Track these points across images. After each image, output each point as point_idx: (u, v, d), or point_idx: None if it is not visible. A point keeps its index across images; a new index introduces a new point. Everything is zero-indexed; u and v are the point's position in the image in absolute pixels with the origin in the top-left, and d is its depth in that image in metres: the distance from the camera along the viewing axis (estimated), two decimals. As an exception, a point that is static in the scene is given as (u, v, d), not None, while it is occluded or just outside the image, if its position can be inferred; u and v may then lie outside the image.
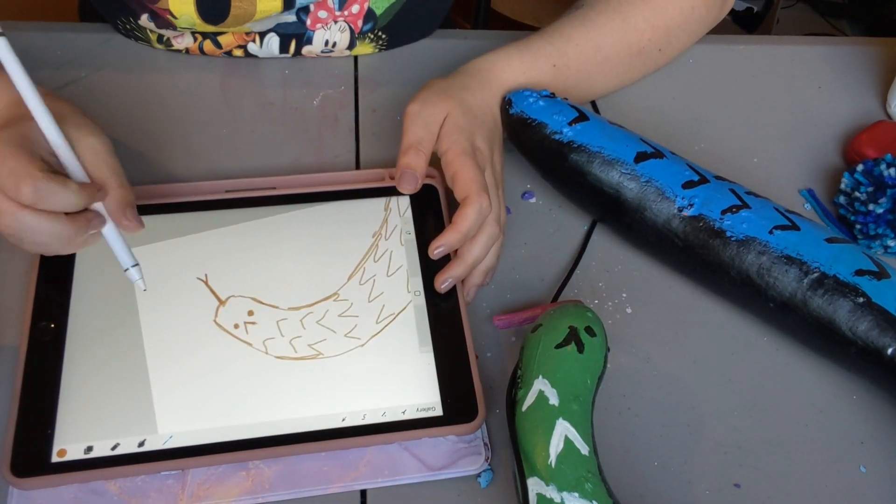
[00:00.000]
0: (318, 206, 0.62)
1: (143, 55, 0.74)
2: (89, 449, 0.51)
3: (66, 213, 0.50)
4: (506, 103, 0.64)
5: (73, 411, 0.52)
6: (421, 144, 0.58)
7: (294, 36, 0.73)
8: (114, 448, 0.51)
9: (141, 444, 0.51)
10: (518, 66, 0.65)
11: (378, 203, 0.59)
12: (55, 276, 0.57)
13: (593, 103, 0.74)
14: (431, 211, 0.63)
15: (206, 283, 0.51)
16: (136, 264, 0.52)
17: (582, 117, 0.62)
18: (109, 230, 0.52)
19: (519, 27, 1.54)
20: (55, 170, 0.50)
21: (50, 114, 0.50)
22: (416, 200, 0.63)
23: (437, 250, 0.57)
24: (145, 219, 0.58)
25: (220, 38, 0.73)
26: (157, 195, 0.62)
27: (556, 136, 0.62)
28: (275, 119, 0.71)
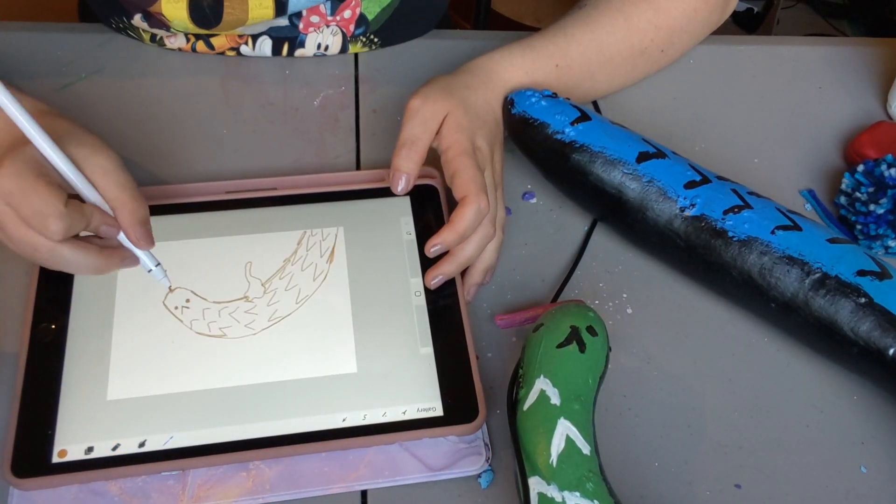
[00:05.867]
0: (315, 207, 0.63)
1: (143, 56, 0.74)
2: (90, 449, 0.51)
3: (100, 247, 0.52)
4: (508, 103, 0.64)
5: (74, 412, 0.52)
6: (417, 142, 0.58)
7: (287, 39, 0.73)
8: (114, 448, 0.51)
9: (141, 445, 0.51)
10: (521, 66, 0.65)
11: (293, 236, 0.62)
12: (56, 276, 0.57)
13: (595, 103, 0.74)
14: (431, 211, 0.63)
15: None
16: (158, 264, 0.54)
17: (584, 117, 0.62)
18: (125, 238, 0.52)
19: (519, 28, 1.54)
20: (74, 193, 0.50)
21: (52, 144, 0.49)
22: (415, 200, 0.63)
23: (433, 248, 0.57)
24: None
25: (213, 40, 0.73)
26: (157, 196, 0.62)
27: (559, 136, 0.62)
28: (275, 119, 0.71)
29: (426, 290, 0.59)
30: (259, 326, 0.57)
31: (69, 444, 0.51)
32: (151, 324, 0.57)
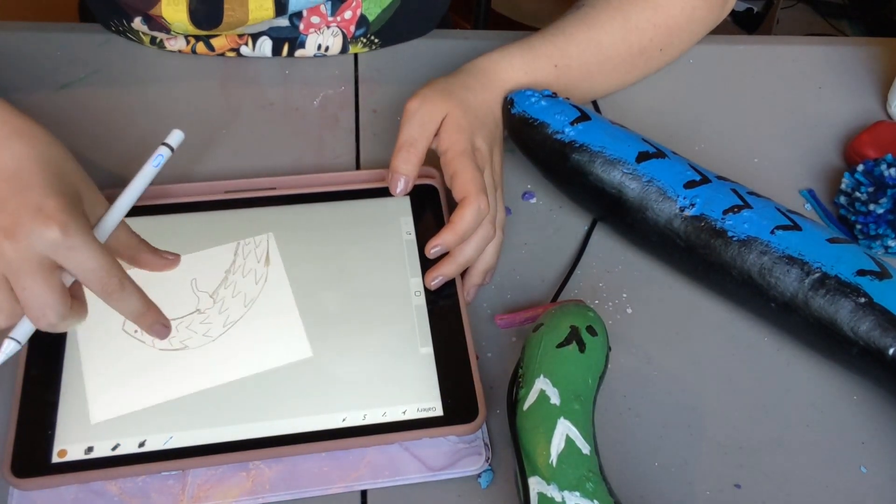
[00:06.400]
0: (315, 206, 0.63)
1: (143, 56, 0.74)
2: (90, 449, 0.51)
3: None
4: (508, 103, 0.64)
5: (74, 412, 0.52)
6: (415, 144, 0.58)
7: (287, 40, 0.73)
8: (114, 448, 0.51)
9: (141, 445, 0.51)
10: (520, 66, 0.65)
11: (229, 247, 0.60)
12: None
13: (595, 103, 0.74)
14: (431, 211, 0.63)
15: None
16: (19, 343, 0.47)
17: (584, 117, 0.62)
18: None
19: (519, 27, 1.54)
20: None
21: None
22: (415, 200, 0.63)
23: (433, 249, 0.57)
24: (145, 220, 0.59)
25: (213, 41, 0.73)
26: (156, 196, 0.62)
27: (558, 136, 0.62)
28: (275, 119, 0.71)
29: (426, 290, 0.59)
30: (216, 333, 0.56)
31: (69, 443, 0.51)
32: (116, 351, 0.55)
